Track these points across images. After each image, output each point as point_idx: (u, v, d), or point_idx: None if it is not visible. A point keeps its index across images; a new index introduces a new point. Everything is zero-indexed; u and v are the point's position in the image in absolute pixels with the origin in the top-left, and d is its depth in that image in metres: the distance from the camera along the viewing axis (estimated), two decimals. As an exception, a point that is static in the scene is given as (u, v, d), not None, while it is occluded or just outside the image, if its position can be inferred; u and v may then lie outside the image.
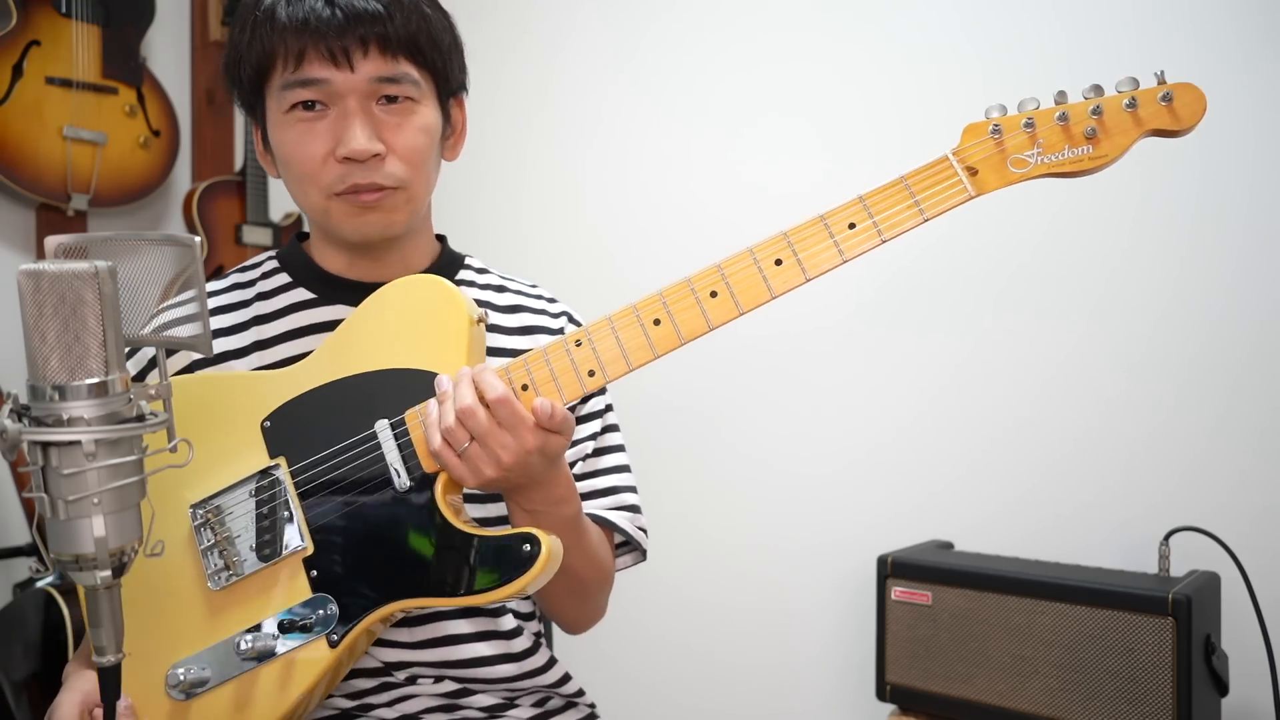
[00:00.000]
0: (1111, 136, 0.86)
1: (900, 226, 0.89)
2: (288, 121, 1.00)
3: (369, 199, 1.00)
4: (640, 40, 2.19)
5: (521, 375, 0.93)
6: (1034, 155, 0.88)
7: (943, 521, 1.83)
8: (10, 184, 2.25)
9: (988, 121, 0.90)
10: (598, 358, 0.92)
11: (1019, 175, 0.88)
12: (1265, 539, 1.55)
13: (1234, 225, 1.60)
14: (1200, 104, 0.85)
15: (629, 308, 0.92)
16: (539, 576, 0.88)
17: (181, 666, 0.95)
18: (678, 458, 2.09)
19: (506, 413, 0.88)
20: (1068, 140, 0.87)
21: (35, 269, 0.62)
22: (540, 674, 1.09)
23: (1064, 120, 0.87)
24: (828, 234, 0.90)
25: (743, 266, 0.91)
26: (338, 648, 0.92)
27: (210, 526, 0.97)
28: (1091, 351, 1.71)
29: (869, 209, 0.90)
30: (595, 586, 1.09)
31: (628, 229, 2.18)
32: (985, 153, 0.89)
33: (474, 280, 1.15)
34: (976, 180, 0.89)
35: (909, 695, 1.58)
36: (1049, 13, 1.74)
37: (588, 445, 1.12)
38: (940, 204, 0.89)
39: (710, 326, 0.91)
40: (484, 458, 0.89)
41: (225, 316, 1.09)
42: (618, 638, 2.13)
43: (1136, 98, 0.86)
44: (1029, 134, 0.88)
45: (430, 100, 1.04)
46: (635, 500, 1.14)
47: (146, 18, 2.49)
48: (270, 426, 0.98)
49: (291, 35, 0.96)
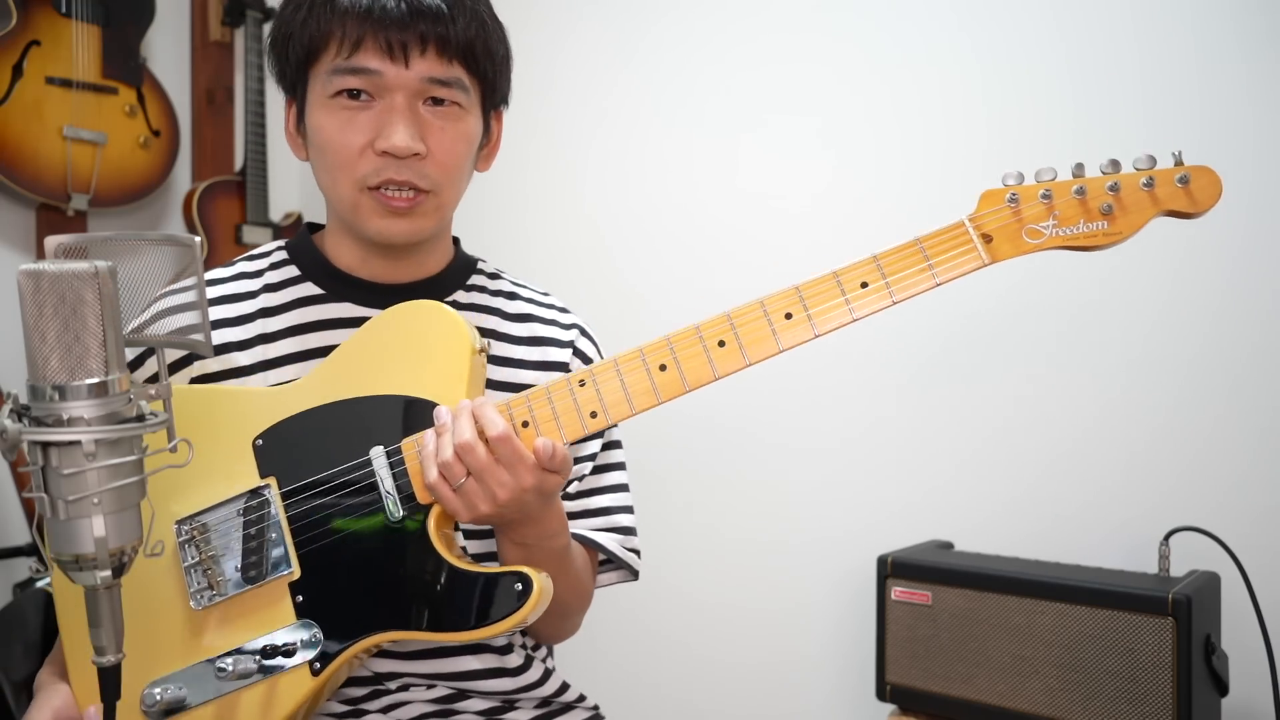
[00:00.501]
0: (1128, 214, 0.87)
1: (912, 290, 0.89)
2: (331, 107, 0.98)
3: (400, 204, 0.99)
4: (641, 41, 2.19)
5: (523, 412, 0.92)
6: (1049, 227, 0.88)
7: (942, 521, 1.83)
8: (10, 184, 2.25)
9: (1005, 189, 0.90)
10: (601, 400, 0.92)
11: (1033, 246, 0.88)
12: (1265, 539, 1.55)
13: (1234, 225, 1.60)
14: (1216, 188, 0.86)
15: (635, 351, 0.92)
16: (528, 615, 0.87)
17: (158, 686, 0.92)
18: (678, 458, 2.09)
19: (506, 450, 0.87)
20: (1084, 214, 0.87)
21: (35, 269, 0.62)
22: (536, 687, 1.08)
23: (1081, 194, 0.88)
24: (839, 291, 0.90)
25: (752, 318, 0.91)
26: (320, 676, 0.91)
27: (195, 544, 0.95)
28: (1091, 351, 1.71)
29: (882, 269, 0.90)
30: (575, 608, 1.09)
31: (629, 231, 2.18)
32: (1001, 221, 0.89)
33: (485, 286, 1.13)
34: (990, 248, 0.89)
35: (909, 695, 1.58)
36: (1048, 15, 1.75)
37: (586, 465, 1.10)
38: (953, 270, 0.89)
39: (715, 376, 0.91)
40: (480, 494, 0.88)
41: (230, 306, 1.06)
42: (618, 637, 2.13)
43: (1154, 178, 0.87)
44: (1046, 205, 0.88)
45: (475, 109, 1.03)
46: (630, 522, 1.12)
47: (146, 18, 2.49)
48: (262, 445, 0.96)
49: (352, 21, 0.95)
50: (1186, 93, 1.64)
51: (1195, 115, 1.63)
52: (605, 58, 2.24)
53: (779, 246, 1.98)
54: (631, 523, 1.13)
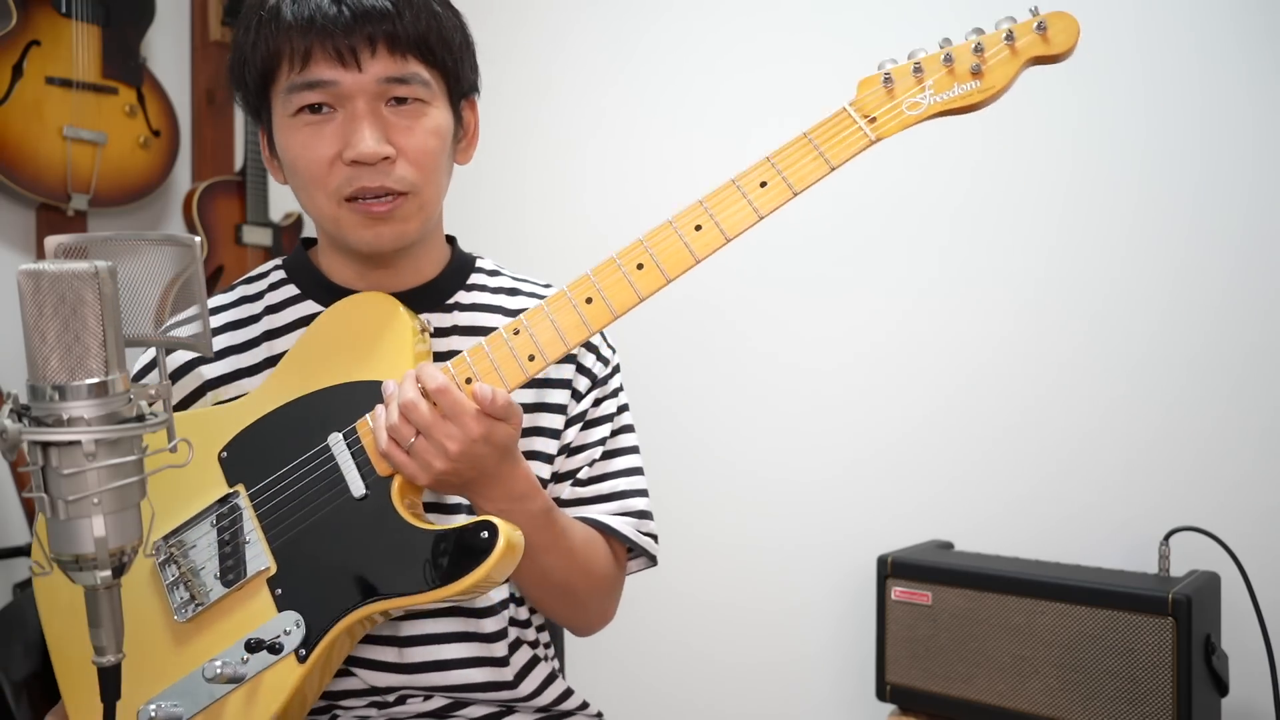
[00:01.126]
0: (994, 70, 0.91)
1: (809, 178, 0.93)
2: (294, 125, 0.97)
3: (380, 210, 0.98)
4: (640, 41, 2.19)
5: (464, 370, 0.94)
6: (926, 97, 0.92)
7: (943, 521, 1.83)
8: (10, 184, 2.25)
9: (879, 74, 0.94)
10: (535, 342, 0.94)
11: (915, 117, 0.92)
12: (1265, 539, 1.55)
13: (1234, 225, 1.60)
14: (1073, 28, 0.90)
15: (560, 291, 0.95)
16: (500, 563, 0.87)
17: (153, 704, 0.93)
18: (678, 458, 2.09)
19: (448, 402, 0.88)
20: (955, 79, 0.92)
21: (35, 269, 0.62)
22: (535, 696, 1.07)
23: (949, 61, 0.92)
24: (741, 195, 0.94)
25: (665, 236, 0.95)
26: (306, 662, 0.91)
27: (174, 561, 0.96)
28: (1092, 352, 1.71)
29: (776, 166, 0.94)
30: (586, 592, 1.07)
31: (629, 230, 2.16)
32: (880, 100, 0.93)
33: (485, 284, 1.13)
34: (875, 126, 0.93)
35: (909, 695, 1.58)
36: (1049, 13, 1.74)
37: (596, 450, 1.10)
38: (843, 151, 0.93)
39: (640, 297, 0.95)
40: (430, 450, 0.89)
41: (237, 333, 1.07)
42: (618, 637, 2.13)
43: (1014, 30, 0.91)
44: (918, 78, 0.93)
45: (441, 101, 1.01)
46: (644, 505, 1.11)
47: (146, 18, 2.49)
48: (227, 456, 0.98)
49: (297, 34, 0.94)
50: (1186, 92, 1.64)
51: (1195, 115, 1.63)
52: (604, 57, 2.24)
53: (778, 245, 1.98)
54: (646, 506, 1.12)
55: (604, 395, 1.11)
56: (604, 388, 1.11)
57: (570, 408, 1.09)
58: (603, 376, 1.11)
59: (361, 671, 1.03)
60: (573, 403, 1.09)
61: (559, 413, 1.08)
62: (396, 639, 1.03)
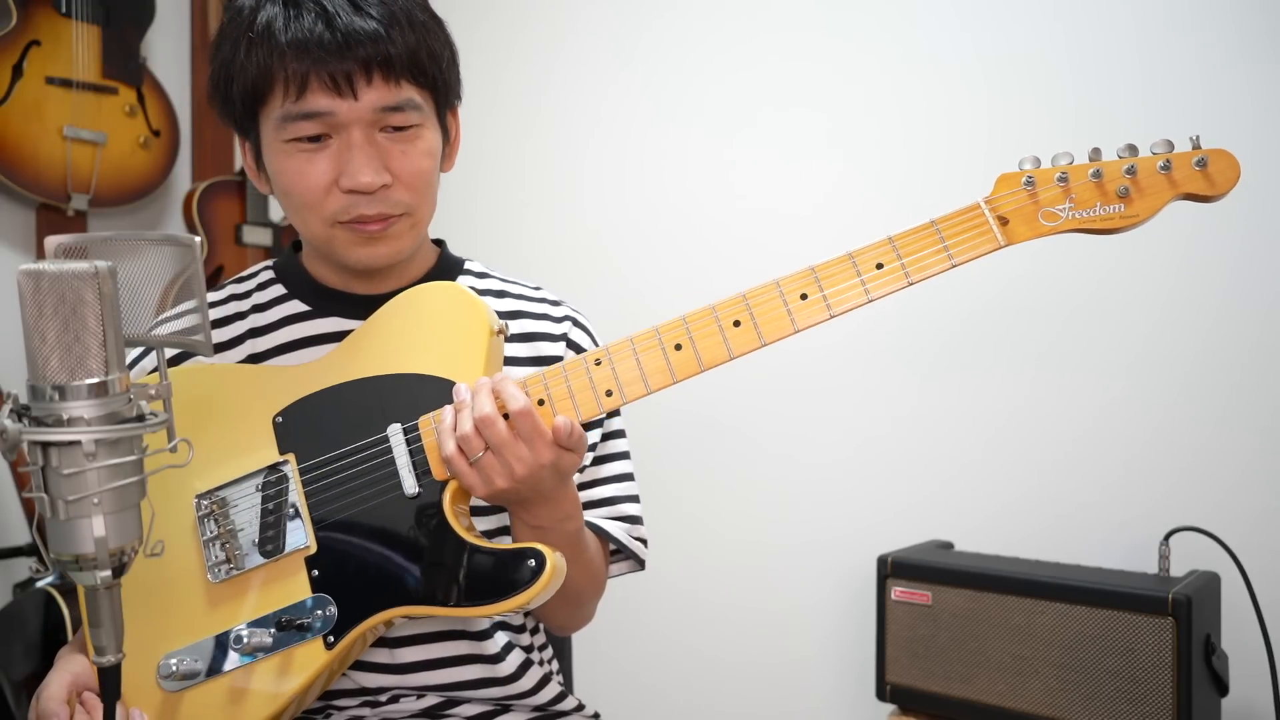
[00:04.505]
0: (1145, 197, 0.87)
1: (927, 271, 0.89)
2: (288, 151, 0.97)
3: (374, 229, 0.98)
4: (638, 41, 2.19)
5: (539, 390, 0.92)
6: (1066, 210, 0.88)
7: (942, 521, 1.83)
8: (10, 184, 2.25)
9: (1021, 173, 0.90)
10: (616, 379, 0.92)
11: (1050, 229, 0.88)
12: (1265, 539, 1.55)
13: (1234, 225, 1.60)
14: (1234, 171, 0.86)
15: (651, 330, 0.92)
16: (541, 593, 0.88)
17: (174, 657, 0.94)
18: (678, 458, 2.09)
19: (527, 425, 0.87)
20: (1100, 197, 0.87)
21: (35, 269, 0.62)
22: (530, 695, 1.07)
23: (1098, 177, 0.88)
24: (855, 272, 0.90)
25: (768, 298, 0.91)
26: (334, 649, 0.92)
27: (214, 518, 0.96)
28: (1092, 351, 1.71)
29: (898, 251, 0.90)
30: (589, 595, 1.09)
31: (626, 230, 2.18)
32: (1018, 204, 0.89)
33: (474, 286, 1.13)
34: (1007, 230, 0.89)
35: (909, 695, 1.58)
36: (1049, 11, 1.75)
37: (587, 457, 1.10)
38: (969, 251, 0.89)
39: (731, 356, 0.91)
40: (497, 468, 0.89)
41: (221, 330, 1.07)
42: (618, 637, 2.13)
43: (1171, 160, 0.87)
44: (1062, 188, 0.88)
45: (432, 120, 1.01)
46: (635, 511, 1.12)
47: (146, 18, 2.49)
48: (282, 422, 0.97)
49: (293, 60, 0.93)
50: (1187, 92, 1.64)
51: (1195, 115, 1.63)
52: (603, 57, 2.24)
53: (777, 248, 1.98)
54: (637, 511, 1.12)
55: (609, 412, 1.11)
56: None
57: None
58: None
59: (353, 672, 1.03)
60: None
61: None
62: (387, 639, 1.03)
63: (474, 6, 2.36)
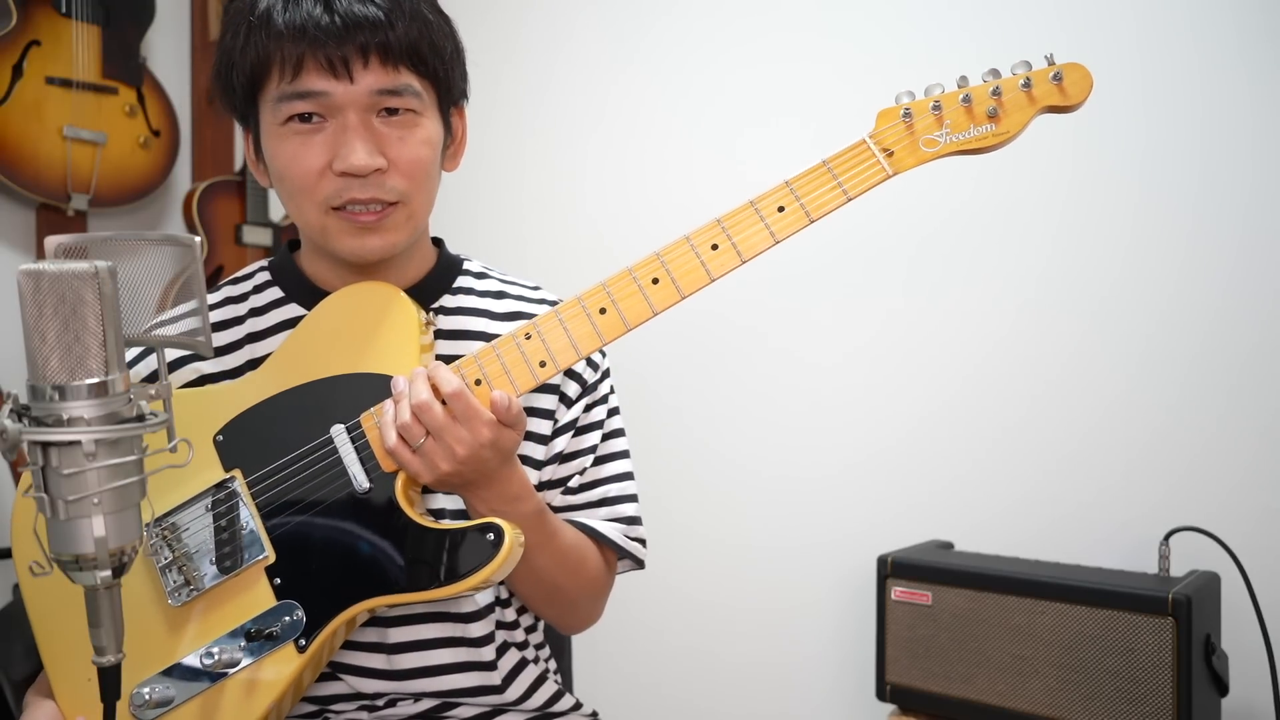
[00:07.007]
0: (1011, 114, 0.94)
1: (826, 207, 0.95)
2: (283, 134, 0.97)
3: (368, 219, 0.97)
4: (640, 41, 2.19)
5: (474, 370, 0.94)
6: (943, 135, 0.95)
7: (943, 521, 1.83)
8: (10, 184, 2.25)
9: (899, 107, 0.96)
10: (548, 349, 0.95)
11: (930, 154, 0.95)
12: (1265, 539, 1.55)
13: (1234, 225, 1.60)
14: (1087, 82, 0.93)
15: (575, 300, 0.95)
16: (503, 565, 0.89)
17: (146, 686, 0.93)
18: (678, 458, 2.09)
19: (462, 406, 0.89)
20: (972, 120, 0.95)
21: (35, 269, 0.62)
22: (524, 700, 1.07)
23: (967, 102, 0.94)
24: (759, 218, 0.95)
25: (681, 253, 0.96)
26: (306, 652, 0.92)
27: (167, 544, 0.95)
28: (1092, 352, 1.71)
29: (795, 193, 0.95)
30: (576, 593, 1.07)
31: (628, 230, 2.18)
32: (899, 135, 0.96)
33: (472, 287, 1.12)
34: (893, 160, 0.95)
35: (909, 695, 1.58)
36: (1049, 13, 1.75)
37: (587, 459, 1.10)
38: (861, 184, 0.95)
39: (654, 311, 0.95)
40: (439, 452, 0.90)
41: (220, 334, 1.06)
42: (617, 637, 2.13)
43: (1031, 78, 0.93)
44: (936, 116, 0.95)
45: (432, 111, 1.00)
46: (633, 511, 1.12)
47: (146, 18, 2.49)
48: (223, 440, 0.97)
49: (289, 42, 0.93)
50: (1187, 93, 1.64)
51: (1195, 115, 1.63)
52: (604, 58, 2.24)
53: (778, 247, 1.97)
54: (635, 512, 1.12)
55: (594, 401, 1.11)
56: (594, 393, 1.11)
57: (560, 414, 1.08)
58: (592, 382, 1.11)
59: (350, 678, 1.03)
60: (562, 408, 1.08)
61: (547, 418, 1.08)
62: (385, 646, 1.02)
63: (475, 6, 2.36)
